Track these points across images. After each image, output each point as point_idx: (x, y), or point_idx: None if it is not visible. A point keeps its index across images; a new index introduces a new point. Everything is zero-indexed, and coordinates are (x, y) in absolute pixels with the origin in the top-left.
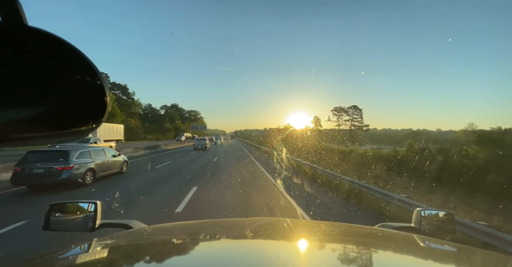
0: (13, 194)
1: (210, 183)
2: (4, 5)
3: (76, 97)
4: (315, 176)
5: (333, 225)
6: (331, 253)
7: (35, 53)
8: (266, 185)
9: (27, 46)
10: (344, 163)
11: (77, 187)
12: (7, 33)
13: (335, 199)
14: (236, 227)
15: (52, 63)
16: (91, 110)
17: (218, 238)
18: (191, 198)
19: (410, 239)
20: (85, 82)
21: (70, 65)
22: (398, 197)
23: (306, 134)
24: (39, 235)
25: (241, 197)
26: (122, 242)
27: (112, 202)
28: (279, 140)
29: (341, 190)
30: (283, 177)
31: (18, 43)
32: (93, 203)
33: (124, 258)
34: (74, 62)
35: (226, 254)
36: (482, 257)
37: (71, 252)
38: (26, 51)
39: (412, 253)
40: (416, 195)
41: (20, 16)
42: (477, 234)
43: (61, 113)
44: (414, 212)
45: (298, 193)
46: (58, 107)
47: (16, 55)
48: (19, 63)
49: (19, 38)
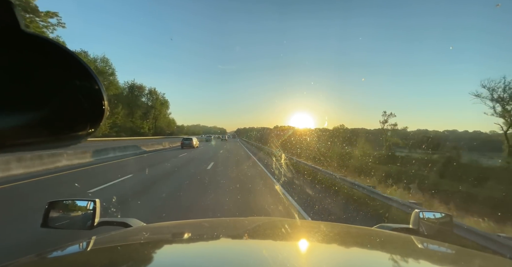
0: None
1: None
2: (0, 9)
3: (74, 102)
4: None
5: (332, 225)
6: (329, 253)
7: (32, 59)
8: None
9: (23, 51)
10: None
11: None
12: (3, 38)
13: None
14: (235, 226)
15: (49, 68)
16: (89, 115)
17: (217, 238)
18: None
19: (408, 240)
20: (83, 88)
21: (67, 70)
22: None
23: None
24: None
25: None
26: (120, 240)
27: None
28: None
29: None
30: None
31: (15, 48)
32: (92, 201)
33: (122, 256)
34: (71, 67)
35: (225, 254)
36: (479, 259)
37: (69, 250)
38: (23, 56)
39: (409, 254)
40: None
41: (16, 21)
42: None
43: (58, 118)
44: (412, 214)
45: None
46: (55, 113)
47: (12, 61)
48: (15, 69)
49: (15, 43)
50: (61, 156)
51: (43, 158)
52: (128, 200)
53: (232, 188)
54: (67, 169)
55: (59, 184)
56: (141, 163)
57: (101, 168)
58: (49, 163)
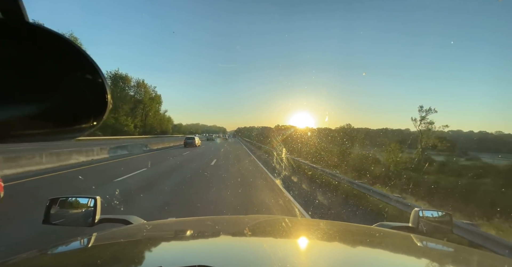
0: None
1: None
2: (5, 1)
3: (77, 95)
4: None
5: (332, 223)
6: (328, 251)
7: (36, 50)
8: None
9: (28, 43)
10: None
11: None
12: (8, 30)
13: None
14: (235, 224)
15: (53, 60)
16: (92, 108)
17: (217, 235)
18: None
19: (407, 238)
20: (86, 80)
21: (71, 62)
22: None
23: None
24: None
25: None
26: (121, 238)
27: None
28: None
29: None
30: None
31: (19, 39)
32: (93, 198)
33: (123, 253)
34: (75, 59)
35: (225, 251)
36: (478, 258)
37: (70, 246)
38: (27, 48)
39: (409, 253)
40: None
41: (21, 12)
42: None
43: (62, 111)
44: (412, 212)
45: None
46: (59, 105)
47: (17, 52)
48: (20, 60)
49: (20, 34)
50: (83, 152)
51: (72, 154)
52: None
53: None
54: (96, 162)
55: (97, 172)
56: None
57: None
58: (65, 160)
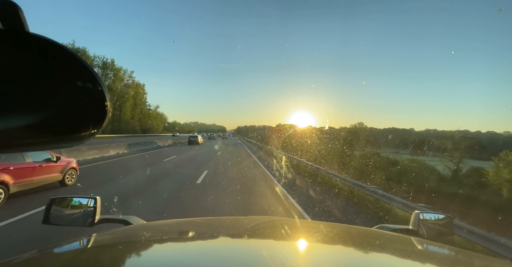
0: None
1: None
2: (5, 10)
3: (77, 103)
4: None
5: (332, 225)
6: (328, 253)
7: (36, 60)
8: None
9: (28, 52)
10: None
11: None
12: (8, 39)
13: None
14: (235, 225)
15: (53, 69)
16: (92, 116)
17: (217, 236)
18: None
19: (408, 241)
20: (86, 89)
21: (71, 71)
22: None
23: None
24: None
25: None
26: (121, 238)
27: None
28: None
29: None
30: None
31: (19, 49)
32: (92, 198)
33: (123, 254)
34: (75, 68)
35: (224, 252)
36: (479, 261)
37: (70, 246)
38: (27, 57)
39: (408, 255)
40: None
41: (21, 22)
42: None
43: (61, 119)
44: (412, 215)
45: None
46: (59, 114)
47: (17, 62)
48: (20, 70)
49: (20, 44)
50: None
51: (121, 147)
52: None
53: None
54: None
55: (145, 156)
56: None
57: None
58: (106, 152)
